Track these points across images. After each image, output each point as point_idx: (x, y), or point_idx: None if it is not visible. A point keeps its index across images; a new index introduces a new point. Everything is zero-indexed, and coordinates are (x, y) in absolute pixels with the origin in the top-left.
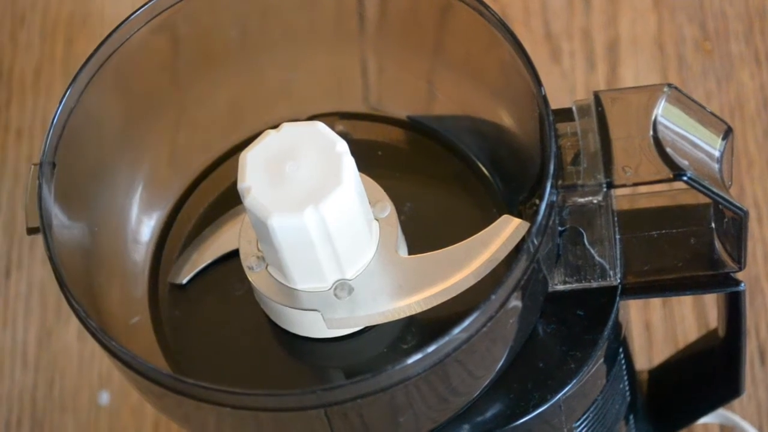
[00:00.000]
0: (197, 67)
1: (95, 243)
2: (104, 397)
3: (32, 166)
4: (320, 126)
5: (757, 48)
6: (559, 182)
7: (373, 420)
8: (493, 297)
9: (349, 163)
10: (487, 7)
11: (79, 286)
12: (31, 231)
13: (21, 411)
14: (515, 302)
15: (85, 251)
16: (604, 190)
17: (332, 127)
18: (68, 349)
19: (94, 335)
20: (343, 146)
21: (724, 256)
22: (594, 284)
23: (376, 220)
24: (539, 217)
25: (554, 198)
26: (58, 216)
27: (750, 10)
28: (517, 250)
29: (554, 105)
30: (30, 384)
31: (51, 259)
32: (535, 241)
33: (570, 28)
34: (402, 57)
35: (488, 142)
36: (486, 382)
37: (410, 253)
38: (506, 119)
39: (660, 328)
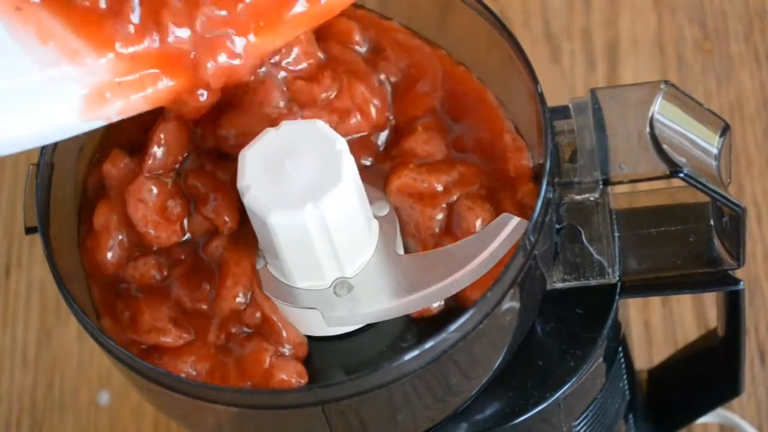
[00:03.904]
0: None
1: None
2: (104, 397)
3: (31, 166)
4: (320, 124)
5: (757, 48)
6: (556, 179)
7: (371, 417)
8: (489, 294)
9: (349, 161)
10: (485, 6)
11: (78, 286)
12: (30, 230)
13: (21, 411)
14: (512, 300)
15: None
16: (601, 187)
17: None
18: (68, 349)
19: (92, 335)
20: (342, 144)
21: (723, 254)
22: (593, 282)
23: (376, 218)
24: (535, 214)
25: (551, 195)
26: (56, 216)
27: (750, 10)
28: (514, 247)
29: (553, 104)
30: (30, 384)
31: (49, 258)
32: (532, 238)
33: (570, 28)
34: None
35: None
36: (484, 380)
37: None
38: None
39: (659, 327)
